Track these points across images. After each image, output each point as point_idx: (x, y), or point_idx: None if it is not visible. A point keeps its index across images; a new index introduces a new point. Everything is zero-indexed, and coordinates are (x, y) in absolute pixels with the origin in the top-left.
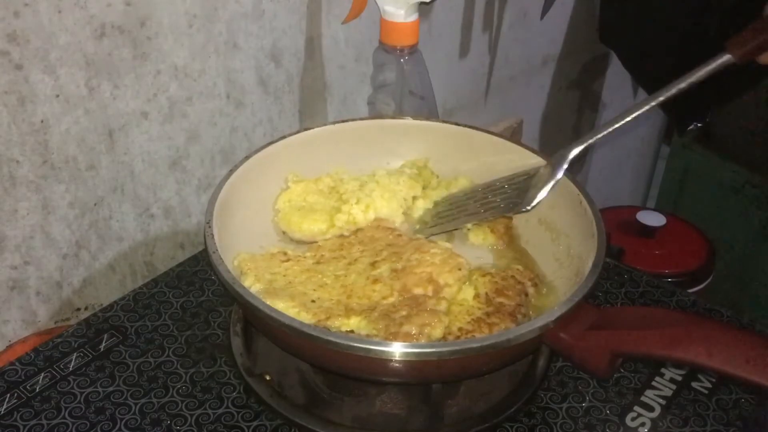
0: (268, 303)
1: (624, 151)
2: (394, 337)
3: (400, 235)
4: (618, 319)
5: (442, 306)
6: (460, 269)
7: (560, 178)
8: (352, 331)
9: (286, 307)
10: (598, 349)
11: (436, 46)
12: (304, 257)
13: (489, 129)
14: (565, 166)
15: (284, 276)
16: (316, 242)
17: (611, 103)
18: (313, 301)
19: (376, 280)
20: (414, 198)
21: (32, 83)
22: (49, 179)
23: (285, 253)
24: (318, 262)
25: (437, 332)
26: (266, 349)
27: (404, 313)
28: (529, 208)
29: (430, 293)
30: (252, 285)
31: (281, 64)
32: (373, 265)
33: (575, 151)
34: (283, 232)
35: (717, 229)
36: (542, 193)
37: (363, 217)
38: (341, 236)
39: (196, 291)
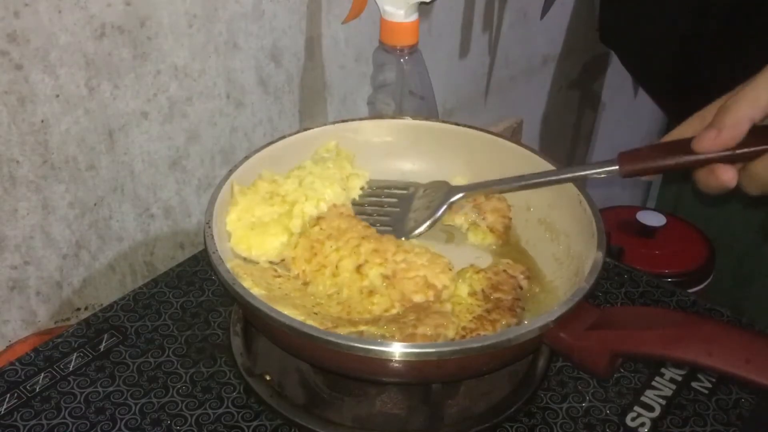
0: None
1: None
2: (412, 338)
3: (367, 227)
4: (618, 319)
5: (448, 308)
6: (450, 269)
7: (438, 217)
8: (361, 332)
9: (291, 315)
10: (598, 348)
11: (436, 46)
12: (294, 277)
13: (489, 129)
14: (446, 207)
15: (280, 288)
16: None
17: (611, 103)
18: (315, 313)
19: (371, 292)
20: (348, 177)
21: (32, 83)
22: (49, 179)
23: (275, 270)
24: (304, 283)
25: (451, 332)
26: (266, 349)
27: (413, 317)
28: (403, 239)
29: (431, 299)
30: (251, 288)
31: (281, 64)
32: (359, 271)
33: (458, 196)
34: (245, 258)
35: (717, 229)
36: (420, 229)
37: (316, 212)
38: (305, 236)
39: (196, 291)
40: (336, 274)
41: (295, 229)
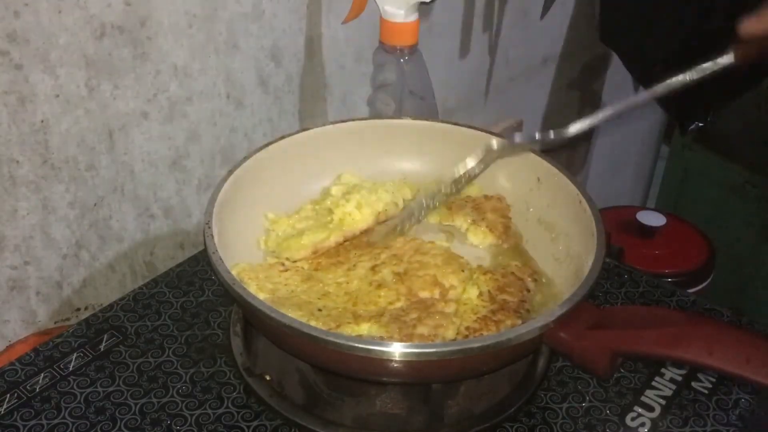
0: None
1: (624, 151)
2: (409, 338)
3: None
4: (618, 319)
5: (451, 308)
6: (463, 270)
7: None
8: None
9: (294, 316)
10: (599, 348)
11: (436, 46)
12: (302, 267)
13: (489, 129)
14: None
15: (285, 285)
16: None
17: (611, 103)
18: (319, 309)
19: (380, 285)
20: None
21: (32, 83)
22: (49, 179)
23: (282, 264)
24: (316, 269)
25: (450, 333)
26: (266, 349)
27: (415, 315)
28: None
29: (437, 296)
30: (256, 294)
31: (281, 64)
32: (374, 269)
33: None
34: (287, 259)
35: (717, 229)
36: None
37: (358, 214)
38: (336, 244)
39: (196, 291)
40: (351, 269)
41: (334, 226)
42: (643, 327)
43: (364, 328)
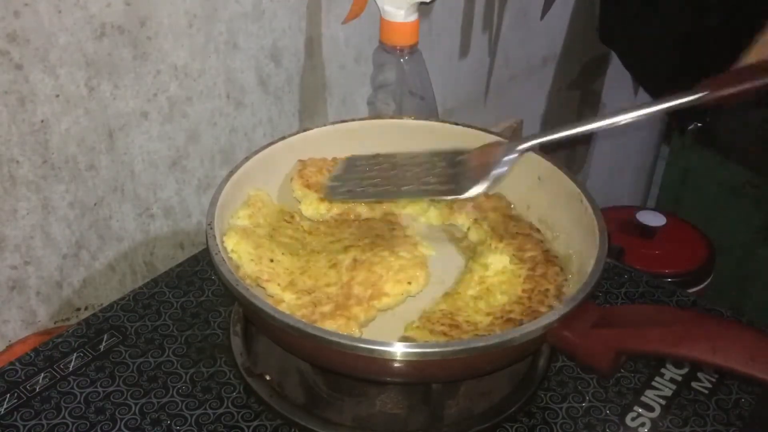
0: (228, 240)
1: (624, 151)
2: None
3: (393, 230)
4: (621, 318)
5: (362, 317)
6: (410, 283)
7: (498, 174)
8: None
9: (244, 251)
10: (603, 347)
11: (436, 46)
12: (302, 226)
13: (489, 129)
14: (504, 168)
15: (273, 230)
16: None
17: (611, 103)
18: (271, 260)
19: (334, 265)
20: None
21: (32, 83)
22: (49, 179)
23: (292, 216)
24: (310, 233)
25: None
26: (266, 349)
27: (327, 309)
28: (462, 197)
29: (367, 296)
30: (240, 219)
31: (281, 64)
32: (345, 250)
33: (524, 146)
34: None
35: (717, 229)
36: (477, 188)
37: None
38: (346, 219)
39: (196, 291)
40: (332, 243)
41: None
42: (647, 325)
43: (286, 297)
